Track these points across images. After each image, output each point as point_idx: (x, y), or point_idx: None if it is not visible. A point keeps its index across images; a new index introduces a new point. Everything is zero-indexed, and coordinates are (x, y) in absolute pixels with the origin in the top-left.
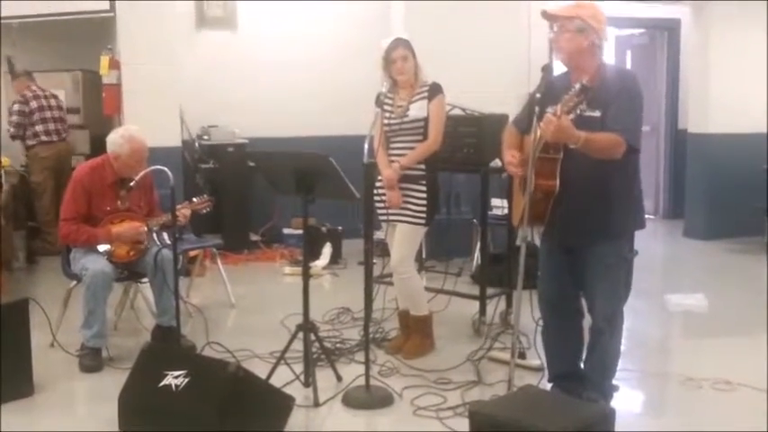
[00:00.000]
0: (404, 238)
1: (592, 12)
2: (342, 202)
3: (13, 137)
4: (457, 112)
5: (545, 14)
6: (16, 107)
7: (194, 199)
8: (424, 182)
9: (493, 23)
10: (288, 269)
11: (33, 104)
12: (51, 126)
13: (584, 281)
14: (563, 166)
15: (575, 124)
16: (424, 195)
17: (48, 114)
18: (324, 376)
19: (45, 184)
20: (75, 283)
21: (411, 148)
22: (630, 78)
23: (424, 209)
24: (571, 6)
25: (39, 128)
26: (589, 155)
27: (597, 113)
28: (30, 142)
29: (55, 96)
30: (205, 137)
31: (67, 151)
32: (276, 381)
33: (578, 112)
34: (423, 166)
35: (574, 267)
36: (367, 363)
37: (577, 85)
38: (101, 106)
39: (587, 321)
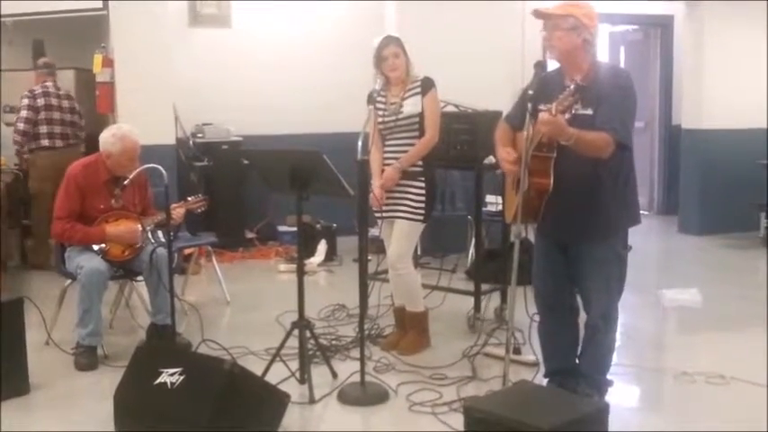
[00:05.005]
0: (402, 235)
1: (585, 11)
2: (336, 199)
3: (20, 145)
4: (451, 108)
5: (537, 13)
6: (24, 113)
7: (189, 198)
8: (422, 178)
9: (486, 21)
10: (283, 266)
11: (40, 102)
12: (57, 129)
13: (578, 277)
14: (557, 165)
15: (569, 123)
16: (423, 192)
17: (56, 116)
18: (319, 373)
19: (40, 194)
20: (70, 281)
21: (408, 145)
22: (623, 77)
23: (423, 205)
24: (565, 5)
25: (42, 129)
26: (579, 153)
27: (589, 111)
28: (31, 146)
29: (69, 97)
30: (199, 135)
31: (69, 160)
32: (271, 378)
33: (573, 111)
34: (420, 162)
35: (568, 264)
36: (362, 359)
37: (572, 86)
38: (94, 105)
39: (582, 317)
